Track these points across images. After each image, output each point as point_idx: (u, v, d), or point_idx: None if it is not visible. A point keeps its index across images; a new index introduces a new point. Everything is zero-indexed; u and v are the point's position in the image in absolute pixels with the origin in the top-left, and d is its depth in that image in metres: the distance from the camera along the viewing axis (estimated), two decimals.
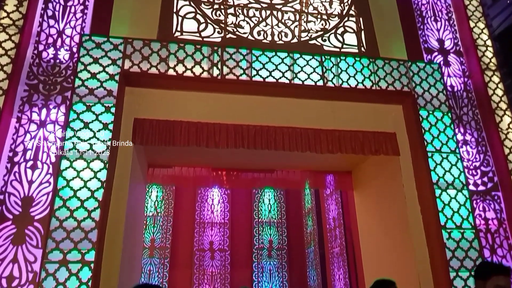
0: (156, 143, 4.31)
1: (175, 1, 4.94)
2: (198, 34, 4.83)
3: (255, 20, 5.04)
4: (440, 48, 5.57)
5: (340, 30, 5.25)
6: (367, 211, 5.64)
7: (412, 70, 5.03)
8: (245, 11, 5.06)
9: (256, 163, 5.84)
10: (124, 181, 4.11)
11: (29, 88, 4.26)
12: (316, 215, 9.32)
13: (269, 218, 10.30)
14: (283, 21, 5.12)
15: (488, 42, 5.67)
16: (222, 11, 5.00)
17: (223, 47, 4.67)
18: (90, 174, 3.95)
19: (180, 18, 4.87)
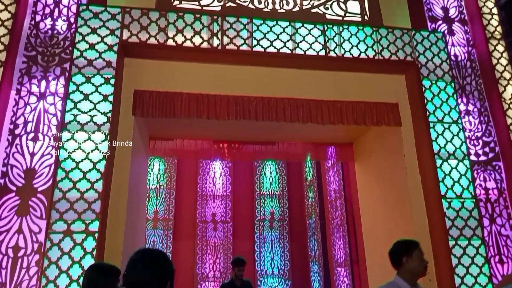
0: (157, 115, 4.29)
1: None
2: (197, 3, 4.73)
3: None
4: (445, 17, 5.45)
5: None
6: (368, 182, 5.67)
7: (416, 39, 4.93)
8: None
9: (258, 136, 5.83)
10: (126, 153, 4.12)
11: (28, 60, 4.22)
12: (317, 187, 9.41)
13: (271, 191, 10.41)
14: None
15: (494, 10, 5.55)
16: None
17: (223, 16, 4.58)
18: (92, 146, 3.95)
19: None
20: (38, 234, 3.70)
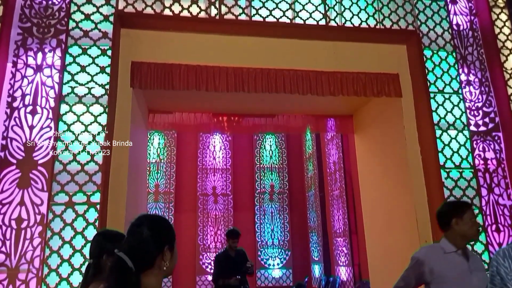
0: (155, 87, 4.25)
1: None
2: None
3: None
4: None
5: None
6: (367, 154, 5.69)
7: (418, 8, 4.84)
8: None
9: (257, 108, 5.80)
10: (125, 125, 4.10)
11: (23, 32, 4.14)
12: (317, 160, 9.47)
13: (271, 164, 10.47)
14: None
15: None
16: None
17: None
18: (91, 119, 3.94)
19: None
20: (40, 206, 3.74)
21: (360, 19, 4.67)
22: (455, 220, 2.40)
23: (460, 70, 4.83)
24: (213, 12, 4.39)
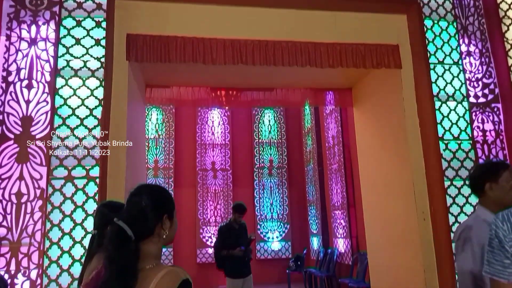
0: (151, 60, 4.19)
1: None
2: None
3: None
4: None
5: None
6: (366, 126, 5.68)
7: None
8: None
9: (255, 82, 5.74)
10: (122, 99, 4.06)
11: (15, 4, 4.04)
12: (316, 134, 9.47)
13: (269, 139, 10.48)
14: None
15: None
16: None
17: None
18: (87, 92, 3.91)
19: None
20: (40, 181, 3.75)
21: None
22: (489, 185, 2.06)
23: (461, 41, 4.77)
24: None
